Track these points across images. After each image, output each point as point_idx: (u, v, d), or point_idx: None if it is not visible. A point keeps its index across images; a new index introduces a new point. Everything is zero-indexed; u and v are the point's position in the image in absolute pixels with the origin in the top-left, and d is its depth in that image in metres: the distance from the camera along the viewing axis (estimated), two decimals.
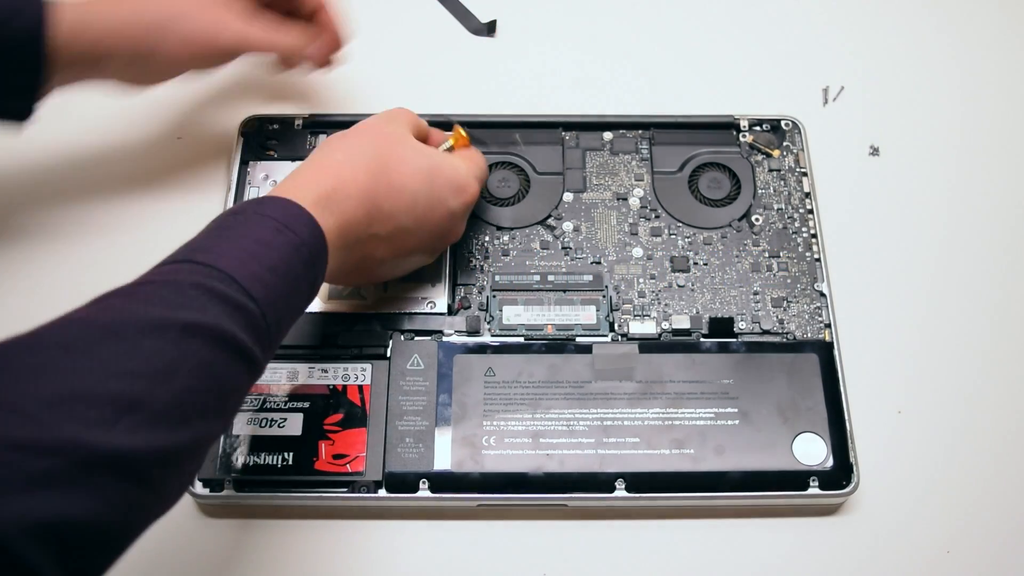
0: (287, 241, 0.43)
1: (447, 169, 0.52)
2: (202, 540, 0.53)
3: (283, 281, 0.42)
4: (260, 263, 0.41)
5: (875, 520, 0.53)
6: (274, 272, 0.42)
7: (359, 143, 0.50)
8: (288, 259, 0.42)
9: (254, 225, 0.43)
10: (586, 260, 0.58)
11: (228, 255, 0.41)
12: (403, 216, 0.50)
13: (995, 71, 0.69)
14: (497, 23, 0.70)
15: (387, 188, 0.49)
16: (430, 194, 0.51)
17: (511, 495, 0.52)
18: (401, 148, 0.51)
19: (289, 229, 0.43)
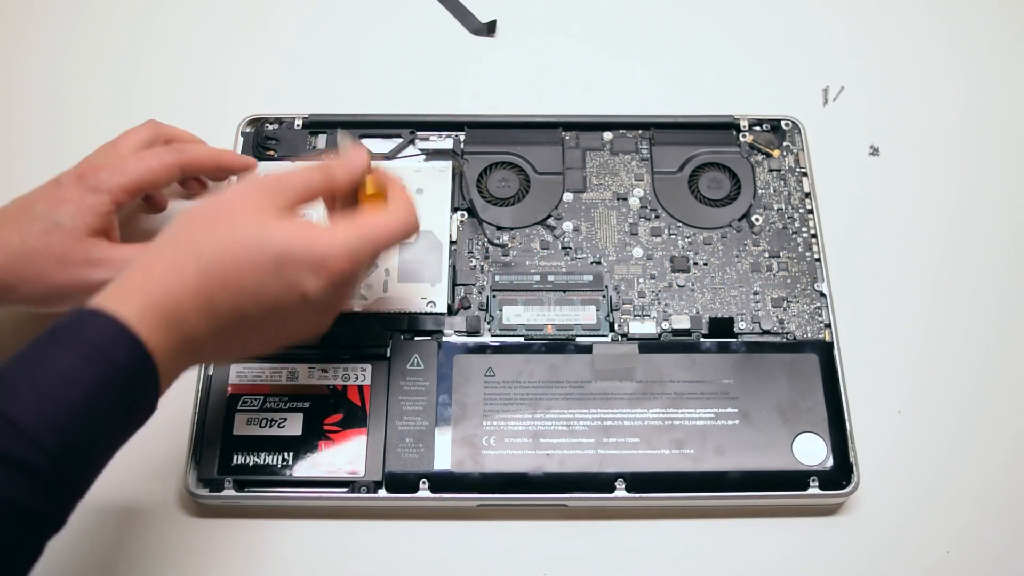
0: (97, 372, 0.39)
1: (299, 245, 0.43)
2: (202, 540, 0.53)
3: (87, 420, 0.38)
4: (59, 404, 0.38)
5: (875, 520, 0.53)
6: (75, 413, 0.38)
7: (190, 233, 0.44)
8: (96, 392, 0.39)
9: (63, 354, 0.39)
10: (586, 260, 0.58)
11: (22, 398, 0.38)
12: (248, 308, 0.43)
13: (995, 71, 0.69)
14: (497, 23, 0.70)
15: (221, 283, 0.42)
16: (278, 282, 0.43)
17: (511, 495, 0.52)
18: (243, 231, 0.43)
19: (103, 356, 0.39)
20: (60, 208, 0.49)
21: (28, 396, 0.38)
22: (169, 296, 0.41)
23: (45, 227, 0.49)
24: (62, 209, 0.49)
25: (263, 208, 0.44)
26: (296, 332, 0.47)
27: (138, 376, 0.40)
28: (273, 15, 0.71)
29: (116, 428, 0.41)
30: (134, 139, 0.54)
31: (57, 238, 0.49)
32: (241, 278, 0.43)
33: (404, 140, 0.62)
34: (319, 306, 0.45)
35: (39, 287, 0.50)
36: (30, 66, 0.69)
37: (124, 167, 0.51)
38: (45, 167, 0.63)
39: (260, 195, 0.45)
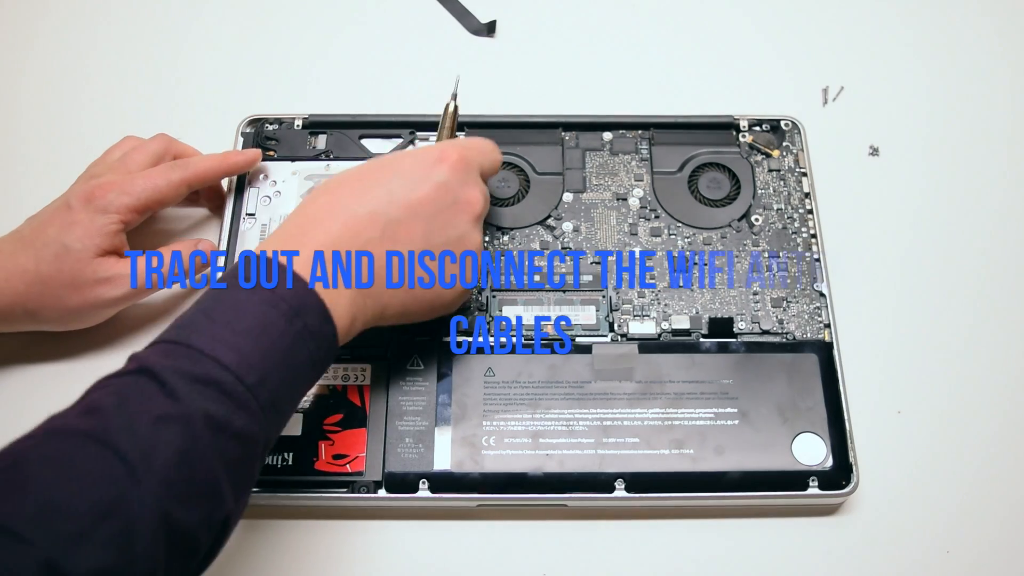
0: (262, 299, 0.42)
1: (413, 152, 0.50)
2: None
3: (259, 340, 0.41)
4: (233, 328, 0.41)
5: (875, 520, 0.53)
6: (246, 334, 0.41)
7: (316, 189, 0.50)
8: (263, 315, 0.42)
9: (230, 291, 0.42)
10: (586, 260, 0.58)
11: (198, 329, 0.41)
12: (384, 209, 0.47)
13: (995, 71, 0.69)
14: (497, 23, 0.70)
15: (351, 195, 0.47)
16: (404, 178, 0.48)
17: (511, 495, 0.52)
18: (359, 168, 0.49)
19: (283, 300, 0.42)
20: (70, 232, 0.51)
21: (205, 327, 0.41)
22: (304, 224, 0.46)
23: (56, 252, 0.51)
24: (72, 233, 0.51)
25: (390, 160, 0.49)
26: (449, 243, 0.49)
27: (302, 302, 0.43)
28: (273, 15, 0.71)
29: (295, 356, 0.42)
30: (144, 155, 0.55)
31: (68, 262, 0.51)
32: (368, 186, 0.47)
33: (404, 140, 0.62)
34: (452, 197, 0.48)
35: (57, 310, 0.52)
36: (30, 67, 0.69)
37: (132, 187, 0.52)
38: (46, 168, 0.64)
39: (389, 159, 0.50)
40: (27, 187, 0.63)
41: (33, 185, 0.61)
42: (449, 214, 0.49)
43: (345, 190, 0.47)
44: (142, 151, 0.54)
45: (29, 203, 0.54)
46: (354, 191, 0.47)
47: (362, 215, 0.46)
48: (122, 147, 0.55)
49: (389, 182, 0.47)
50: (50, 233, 0.51)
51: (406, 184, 0.47)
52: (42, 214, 0.53)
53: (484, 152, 0.52)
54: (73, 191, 0.52)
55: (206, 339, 0.40)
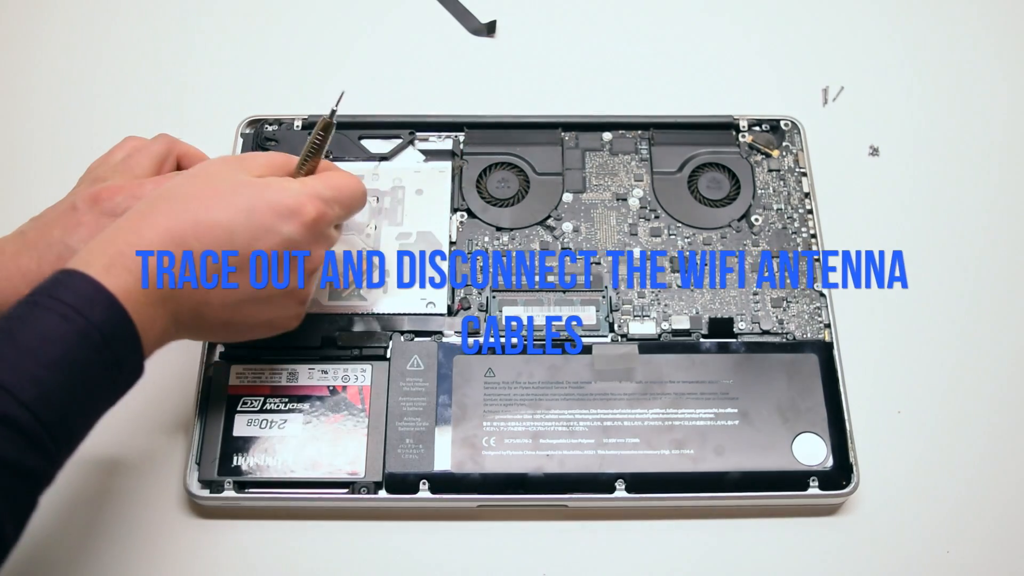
0: (73, 329, 0.40)
1: (272, 192, 0.46)
2: (202, 541, 0.53)
3: (67, 376, 0.39)
4: (37, 360, 0.39)
5: (875, 520, 0.53)
6: (54, 369, 0.39)
7: (166, 189, 0.46)
8: (75, 349, 0.39)
9: (41, 313, 0.40)
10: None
11: (9, 360, 0.39)
12: (216, 244, 0.44)
13: (995, 71, 0.69)
14: (497, 23, 0.70)
15: (193, 225, 0.44)
16: (251, 223, 0.45)
17: (511, 496, 0.52)
18: (216, 181, 0.46)
19: (78, 313, 0.40)
20: (75, 233, 0.50)
21: (6, 354, 0.39)
22: (132, 244, 0.43)
23: (60, 253, 0.50)
24: (76, 234, 0.50)
25: (237, 170, 0.47)
26: (278, 301, 0.48)
27: (114, 332, 0.41)
28: (273, 16, 0.71)
29: (99, 386, 0.41)
30: (147, 157, 0.54)
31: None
32: (212, 217, 0.44)
33: (404, 141, 0.62)
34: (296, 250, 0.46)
35: None
36: (31, 67, 0.69)
37: (140, 191, 0.51)
38: (47, 168, 0.64)
39: (234, 161, 0.48)
40: (29, 187, 0.63)
41: (34, 185, 0.61)
42: (283, 266, 0.47)
43: (187, 217, 0.44)
44: (145, 153, 0.54)
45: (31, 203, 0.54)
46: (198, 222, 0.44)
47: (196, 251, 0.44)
48: (124, 148, 0.55)
49: (234, 220, 0.45)
50: (54, 234, 0.51)
51: (251, 231, 0.45)
52: (46, 215, 0.52)
53: (345, 204, 0.50)
54: (78, 193, 0.52)
55: (6, 369, 0.38)
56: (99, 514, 0.53)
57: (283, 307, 0.49)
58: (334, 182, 0.49)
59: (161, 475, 0.54)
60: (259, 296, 0.47)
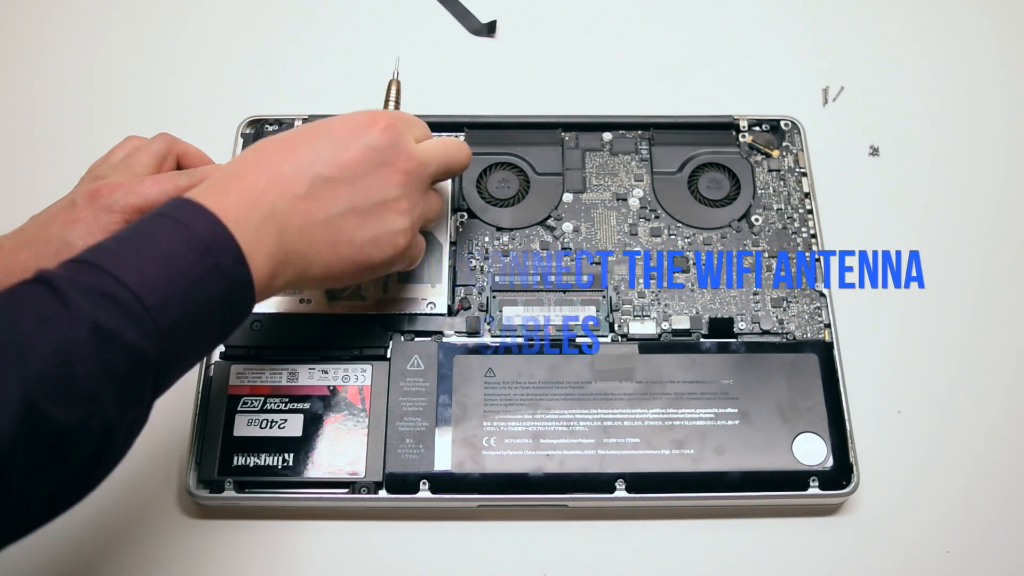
0: (174, 233, 0.41)
1: (345, 117, 0.49)
2: (202, 541, 0.53)
3: (170, 270, 0.40)
4: (140, 253, 0.40)
5: (875, 520, 0.54)
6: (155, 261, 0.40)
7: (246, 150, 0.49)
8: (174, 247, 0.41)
9: (141, 225, 0.42)
10: (586, 260, 0.58)
11: (105, 250, 0.40)
12: (310, 166, 0.46)
13: (995, 71, 0.69)
14: (497, 23, 0.70)
15: (278, 151, 0.47)
16: (332, 139, 0.47)
17: (511, 496, 0.52)
18: (288, 133, 0.49)
19: (178, 222, 0.42)
20: (73, 229, 0.50)
21: (114, 250, 0.40)
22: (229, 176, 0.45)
23: (58, 248, 0.50)
24: (75, 230, 0.50)
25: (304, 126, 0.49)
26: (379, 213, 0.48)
27: (216, 241, 0.42)
28: (273, 15, 0.71)
29: (204, 293, 0.41)
30: (148, 156, 0.54)
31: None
32: (295, 143, 0.47)
33: None
34: (379, 159, 0.48)
35: None
36: (31, 68, 0.69)
37: (140, 189, 0.51)
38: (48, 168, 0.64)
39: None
40: (29, 187, 0.63)
41: (35, 185, 0.61)
42: (376, 177, 0.48)
43: (272, 149, 0.47)
44: (145, 151, 0.54)
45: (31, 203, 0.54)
46: (282, 149, 0.47)
47: (287, 171, 0.46)
48: (125, 147, 0.55)
49: (316, 142, 0.47)
50: (53, 230, 0.51)
51: (333, 145, 0.47)
52: (46, 212, 0.53)
53: (413, 123, 0.52)
54: (78, 190, 0.52)
55: (110, 258, 0.40)
56: (99, 514, 0.53)
57: (384, 220, 0.49)
58: (396, 111, 0.52)
59: (161, 475, 0.54)
60: (358, 207, 0.47)
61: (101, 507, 0.53)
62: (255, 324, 0.55)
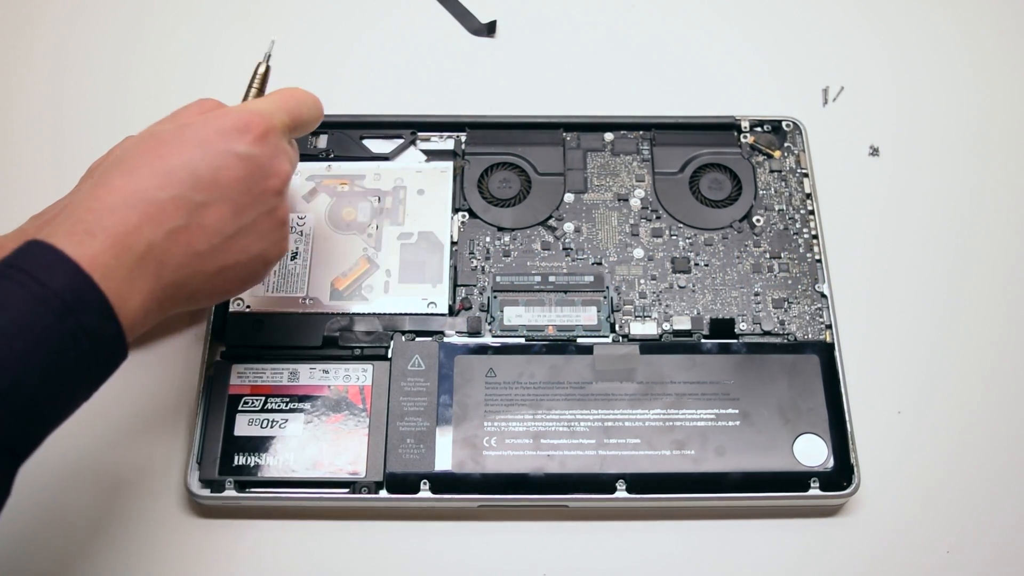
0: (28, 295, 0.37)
1: (216, 119, 0.44)
2: (203, 541, 0.53)
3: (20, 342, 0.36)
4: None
5: (876, 521, 0.54)
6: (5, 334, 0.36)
7: (112, 155, 0.45)
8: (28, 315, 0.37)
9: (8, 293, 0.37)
10: (587, 261, 0.58)
11: None
12: (189, 193, 0.42)
13: (995, 71, 0.69)
14: (497, 23, 0.70)
15: (150, 175, 0.42)
16: (206, 154, 0.43)
17: (512, 496, 0.52)
18: (158, 134, 0.44)
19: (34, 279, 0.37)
20: None
21: None
22: (96, 207, 0.40)
23: None
24: None
25: (175, 121, 0.46)
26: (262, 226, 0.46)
27: (78, 299, 0.38)
28: (273, 16, 0.71)
29: (66, 358, 0.38)
30: None
31: None
32: (168, 163, 0.42)
33: (405, 141, 0.62)
34: (251, 175, 0.44)
35: None
36: (27, 67, 0.69)
37: None
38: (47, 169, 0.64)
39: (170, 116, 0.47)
40: (29, 187, 0.63)
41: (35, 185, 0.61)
42: (258, 190, 0.45)
43: (144, 170, 0.42)
44: None
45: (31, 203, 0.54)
46: (154, 172, 0.42)
47: (162, 199, 0.41)
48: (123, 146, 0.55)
49: (191, 158, 0.42)
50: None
51: (209, 160, 0.43)
52: (45, 213, 0.52)
53: (291, 109, 0.48)
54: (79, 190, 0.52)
55: None
56: (100, 514, 0.53)
57: (268, 231, 0.46)
58: (274, 95, 0.48)
59: (162, 475, 0.54)
60: (243, 225, 0.44)
61: (101, 507, 0.53)
62: (256, 324, 0.55)
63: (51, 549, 0.52)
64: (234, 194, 0.44)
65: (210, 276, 0.44)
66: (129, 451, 0.55)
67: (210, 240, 0.43)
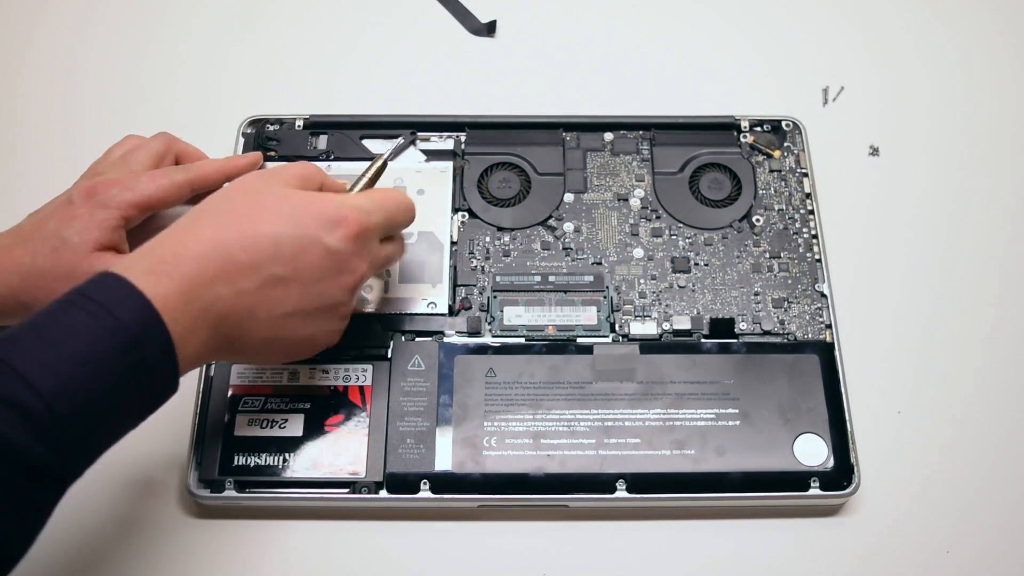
0: (100, 325, 0.38)
1: (316, 203, 0.46)
2: (203, 541, 0.53)
3: (89, 371, 0.37)
4: (59, 351, 0.37)
5: (876, 521, 0.54)
6: (76, 362, 0.37)
7: (208, 203, 0.46)
8: (99, 345, 0.38)
9: (69, 309, 0.39)
10: (587, 261, 0.58)
11: (23, 345, 0.37)
12: (268, 263, 0.44)
13: (995, 71, 0.69)
14: (497, 23, 0.70)
15: (238, 236, 0.43)
16: (296, 233, 0.45)
17: (512, 496, 0.52)
18: (258, 194, 0.46)
19: (107, 312, 0.38)
20: (70, 225, 0.50)
21: (29, 344, 0.37)
22: (177, 253, 0.42)
23: (54, 245, 0.49)
24: (71, 226, 0.50)
25: (276, 183, 0.47)
26: (322, 315, 0.47)
27: (145, 334, 0.39)
28: (273, 15, 0.71)
29: (125, 391, 0.39)
30: (146, 154, 0.54)
31: (65, 255, 0.49)
32: (259, 228, 0.44)
33: (405, 141, 0.62)
34: (332, 267, 0.46)
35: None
36: (31, 68, 0.69)
37: (136, 184, 0.51)
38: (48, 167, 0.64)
39: (271, 175, 0.48)
40: (29, 186, 0.63)
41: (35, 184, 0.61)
42: (331, 282, 0.47)
43: (233, 229, 0.44)
44: (144, 150, 0.54)
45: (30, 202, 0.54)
46: (243, 233, 0.44)
47: (242, 262, 0.43)
48: (124, 146, 0.55)
49: (280, 232, 0.45)
50: (49, 227, 0.50)
51: (296, 240, 0.45)
52: (43, 210, 0.52)
53: (390, 214, 0.49)
54: (76, 187, 0.52)
55: (20, 354, 0.37)
56: (100, 513, 0.53)
57: (327, 321, 0.49)
58: (376, 195, 0.49)
59: (162, 474, 0.54)
60: (305, 309, 0.46)
61: (102, 507, 0.53)
62: None
63: (51, 549, 0.52)
64: (308, 280, 0.46)
65: (260, 342, 0.46)
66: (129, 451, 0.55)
67: (270, 312, 0.45)
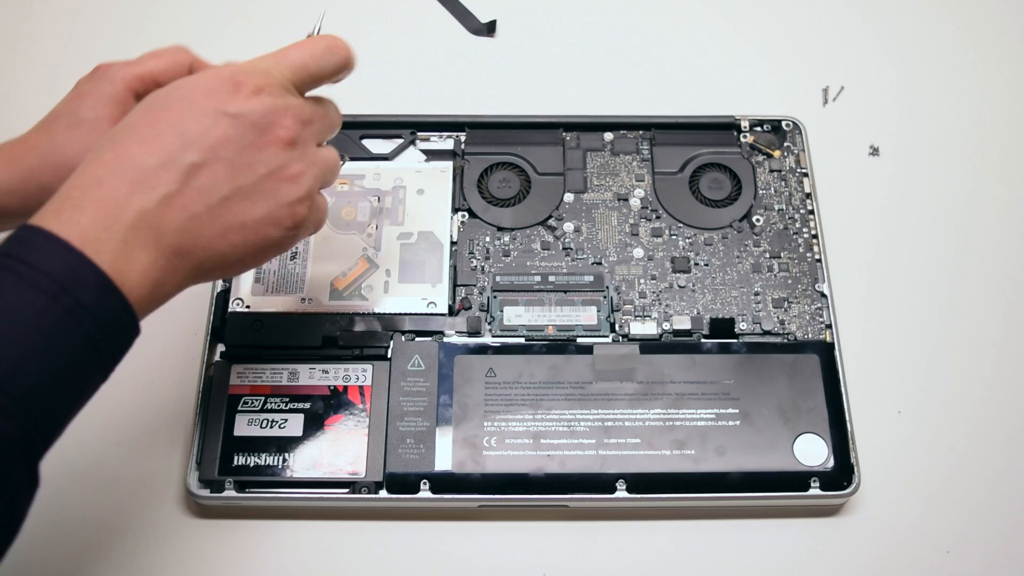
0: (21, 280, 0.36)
1: (204, 80, 0.42)
2: (203, 541, 0.53)
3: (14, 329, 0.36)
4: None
5: (876, 521, 0.54)
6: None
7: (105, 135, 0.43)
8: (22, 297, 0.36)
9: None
10: (587, 261, 0.58)
11: None
12: (179, 155, 0.40)
13: (995, 71, 0.69)
14: (497, 23, 0.70)
15: (139, 143, 0.40)
16: (194, 115, 0.41)
17: (512, 496, 0.52)
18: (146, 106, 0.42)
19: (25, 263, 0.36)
20: (81, 103, 0.48)
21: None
22: (83, 183, 0.39)
23: (69, 122, 0.48)
24: (83, 104, 0.48)
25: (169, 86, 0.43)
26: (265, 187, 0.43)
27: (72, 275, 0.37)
28: (272, 16, 0.71)
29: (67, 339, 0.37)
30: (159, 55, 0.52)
31: (81, 131, 0.47)
32: (155, 130, 0.41)
33: (405, 141, 0.61)
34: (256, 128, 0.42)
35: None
36: (27, 67, 0.69)
37: (141, 60, 0.49)
38: None
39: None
40: None
41: None
42: (255, 147, 0.42)
43: (132, 139, 0.41)
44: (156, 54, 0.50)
45: None
46: (142, 139, 0.40)
47: (151, 165, 0.40)
48: None
49: (179, 121, 0.41)
50: (62, 109, 0.49)
51: (198, 121, 0.41)
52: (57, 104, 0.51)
53: (294, 61, 0.45)
54: None
55: None
56: (100, 514, 0.53)
57: (277, 193, 0.43)
58: (277, 51, 0.45)
59: (161, 475, 0.54)
60: (243, 186, 0.42)
61: (101, 507, 0.53)
62: (255, 324, 0.55)
63: (51, 549, 0.52)
64: (228, 154, 0.41)
65: (213, 240, 0.42)
66: (129, 451, 0.55)
67: (206, 202, 0.41)
